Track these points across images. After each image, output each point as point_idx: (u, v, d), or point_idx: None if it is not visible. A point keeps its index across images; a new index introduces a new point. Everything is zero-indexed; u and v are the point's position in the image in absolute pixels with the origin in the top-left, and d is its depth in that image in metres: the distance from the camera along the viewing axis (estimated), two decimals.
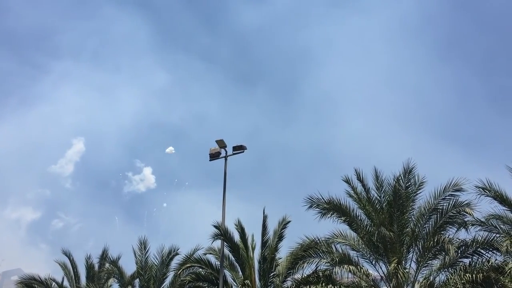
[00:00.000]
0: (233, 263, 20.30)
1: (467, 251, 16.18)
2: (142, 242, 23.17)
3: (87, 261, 25.17)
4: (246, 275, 19.37)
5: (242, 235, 19.95)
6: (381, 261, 17.25)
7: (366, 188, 17.96)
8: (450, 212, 16.51)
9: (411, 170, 17.63)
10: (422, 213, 17.20)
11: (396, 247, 16.76)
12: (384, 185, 17.81)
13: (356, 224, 17.82)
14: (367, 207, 17.78)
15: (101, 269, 24.76)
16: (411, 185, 17.61)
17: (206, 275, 20.19)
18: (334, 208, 18.00)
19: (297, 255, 18.74)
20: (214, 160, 21.66)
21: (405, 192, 17.41)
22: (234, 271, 20.20)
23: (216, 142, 21.33)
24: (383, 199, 17.71)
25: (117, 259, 23.77)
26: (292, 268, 18.98)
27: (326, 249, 17.97)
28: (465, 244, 16.16)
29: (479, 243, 15.92)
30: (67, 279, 25.02)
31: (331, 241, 18.20)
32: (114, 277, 24.12)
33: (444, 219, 16.59)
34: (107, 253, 25.03)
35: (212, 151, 21.65)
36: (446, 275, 16.24)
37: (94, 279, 24.50)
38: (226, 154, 21.53)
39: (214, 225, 19.44)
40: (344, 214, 17.90)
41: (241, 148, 21.49)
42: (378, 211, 17.58)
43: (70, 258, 25.26)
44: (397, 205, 17.18)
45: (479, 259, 15.98)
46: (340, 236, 18.24)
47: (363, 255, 17.72)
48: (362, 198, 17.99)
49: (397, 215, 17.12)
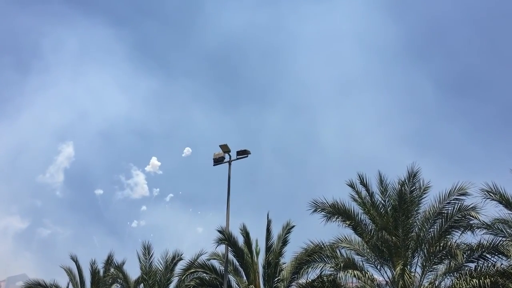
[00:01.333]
0: (238, 268, 20.26)
1: (472, 256, 16.02)
2: (146, 247, 23.24)
3: (92, 266, 25.23)
4: (250, 280, 19.33)
5: (247, 239, 19.94)
6: (386, 265, 17.15)
7: (370, 192, 17.89)
8: (455, 216, 16.38)
9: (416, 174, 17.55)
10: (427, 217, 17.07)
11: (401, 251, 16.66)
12: (389, 190, 17.72)
13: (360, 228, 17.74)
14: (371, 211, 17.71)
15: (105, 274, 24.80)
16: (415, 189, 17.51)
17: (210, 280, 20.16)
18: (338, 212, 17.94)
19: (302, 260, 18.70)
20: (218, 165, 21.72)
21: (409, 196, 17.30)
22: (238, 276, 20.16)
23: (220, 147, 21.39)
24: (388, 203, 17.62)
25: (121, 264, 23.85)
26: (297, 273, 18.94)
27: (331, 253, 17.90)
28: (471, 249, 16.01)
29: (485, 247, 15.76)
30: (72, 284, 25.08)
31: (335, 245, 18.11)
32: (118, 282, 24.16)
33: (449, 223, 16.47)
34: (112, 258, 25.08)
35: (216, 156, 21.69)
36: (452, 280, 16.11)
37: (99, 284, 24.54)
38: (230, 159, 21.58)
39: (218, 229, 19.43)
40: (348, 218, 17.83)
41: (245, 153, 21.54)
42: (383, 215, 17.50)
43: (77, 263, 25.36)
44: (402, 210, 17.08)
45: (485, 264, 15.85)
46: (345, 240, 18.16)
47: (367, 259, 17.61)
48: (367, 203, 17.91)
49: (402, 220, 17.03)
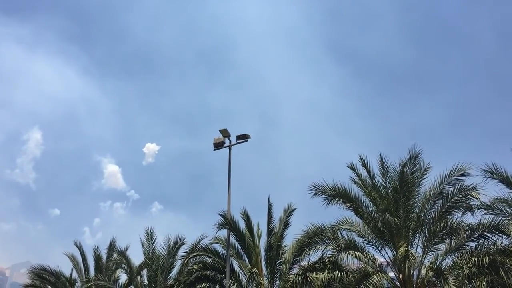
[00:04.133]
0: (240, 252, 20.41)
1: (473, 235, 16.16)
2: (148, 233, 23.35)
3: (95, 252, 25.49)
4: (252, 263, 19.49)
5: (248, 223, 20.05)
6: (387, 246, 17.29)
7: (371, 174, 17.93)
8: (456, 197, 16.44)
9: (417, 155, 17.52)
10: (428, 198, 17.14)
11: (402, 232, 16.77)
12: (390, 171, 17.76)
13: (361, 210, 17.81)
14: (372, 193, 17.77)
15: (109, 259, 25.02)
16: (416, 170, 17.52)
17: (213, 263, 20.33)
18: (339, 195, 17.99)
19: (303, 243, 18.81)
20: (218, 149, 21.66)
21: (411, 178, 17.34)
22: (240, 260, 20.32)
23: (220, 131, 21.28)
24: (388, 185, 17.66)
25: (125, 249, 24.01)
26: (299, 255, 19.07)
27: (332, 235, 17.99)
28: (471, 228, 16.13)
29: (485, 226, 15.88)
30: (75, 270, 25.36)
31: (336, 228, 18.22)
32: (122, 267, 24.38)
33: (450, 203, 16.54)
34: (114, 243, 25.31)
35: (216, 140, 21.61)
36: (453, 259, 16.28)
37: (102, 269, 24.78)
38: (230, 144, 21.52)
39: (220, 214, 19.50)
40: (349, 201, 17.89)
41: (245, 137, 21.46)
42: (384, 197, 17.57)
43: (81, 249, 25.62)
44: (403, 191, 17.12)
45: (485, 243, 15.98)
46: (346, 222, 18.27)
47: (368, 241, 17.73)
48: (367, 184, 17.96)
49: (403, 201, 17.09)
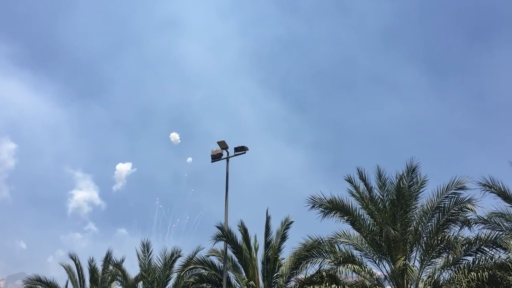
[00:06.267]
0: (236, 264, 20.28)
1: (470, 249, 16.08)
2: (145, 245, 23.22)
3: (90, 264, 25.24)
4: (249, 276, 19.35)
5: (245, 236, 19.96)
6: (385, 260, 17.18)
7: (369, 187, 17.89)
8: (452, 209, 16.41)
9: (414, 169, 17.55)
10: (425, 211, 17.11)
11: (400, 245, 16.69)
12: (387, 184, 17.74)
13: (359, 223, 17.76)
14: (369, 206, 17.72)
15: (104, 271, 24.79)
16: (413, 183, 17.53)
17: (209, 276, 20.19)
18: (336, 208, 17.94)
19: (300, 255, 18.71)
20: (216, 161, 21.68)
21: (408, 191, 17.33)
22: (237, 272, 20.18)
23: (218, 143, 21.33)
24: (386, 198, 17.63)
25: (120, 261, 23.82)
26: (296, 268, 18.97)
27: (329, 249, 17.91)
28: (469, 242, 16.07)
29: (483, 240, 15.81)
30: (71, 282, 25.10)
31: (334, 240, 18.14)
32: (117, 280, 24.15)
33: (447, 216, 16.50)
34: (110, 255, 25.08)
35: (213, 152, 21.64)
36: (450, 274, 16.18)
37: (98, 282, 24.53)
38: (228, 155, 21.54)
39: (217, 225, 19.43)
40: (346, 213, 17.85)
41: (243, 149, 21.51)
42: (381, 210, 17.52)
43: (76, 261, 25.38)
44: (400, 204, 17.09)
45: (483, 257, 15.91)
46: (343, 235, 18.19)
47: (366, 254, 17.64)
48: (365, 197, 17.93)
49: (400, 214, 17.04)
